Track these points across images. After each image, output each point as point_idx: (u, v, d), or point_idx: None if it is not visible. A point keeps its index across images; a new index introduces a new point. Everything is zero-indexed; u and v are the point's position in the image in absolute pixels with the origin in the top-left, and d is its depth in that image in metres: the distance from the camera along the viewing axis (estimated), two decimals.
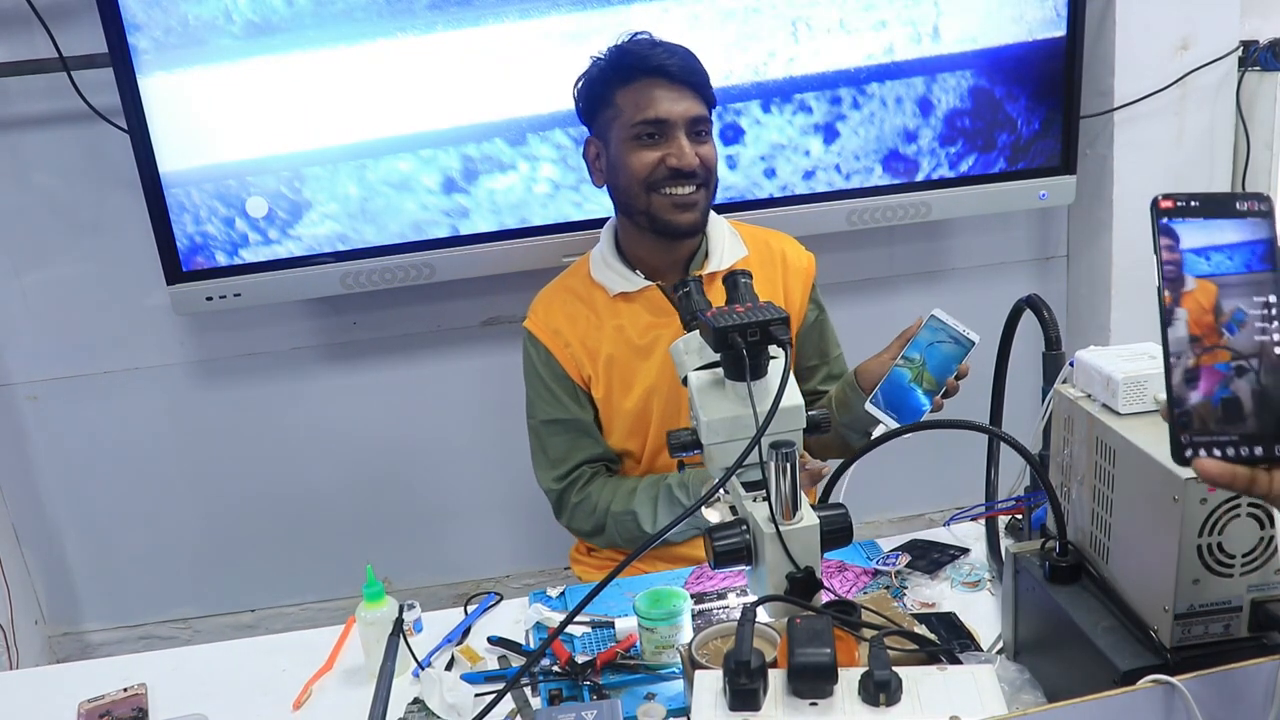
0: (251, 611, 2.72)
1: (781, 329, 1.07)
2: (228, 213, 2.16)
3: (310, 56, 2.08)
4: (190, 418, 2.53)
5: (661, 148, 1.59)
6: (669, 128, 1.58)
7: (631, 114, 1.59)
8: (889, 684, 0.91)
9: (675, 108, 1.58)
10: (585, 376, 1.69)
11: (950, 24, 2.24)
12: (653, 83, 1.58)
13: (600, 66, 1.63)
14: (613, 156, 1.64)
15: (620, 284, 1.66)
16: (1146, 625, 0.98)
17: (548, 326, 1.69)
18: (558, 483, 1.69)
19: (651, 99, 1.58)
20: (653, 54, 1.59)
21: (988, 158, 2.36)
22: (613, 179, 1.66)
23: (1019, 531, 1.45)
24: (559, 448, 1.70)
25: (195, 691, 1.37)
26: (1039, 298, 1.35)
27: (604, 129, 1.64)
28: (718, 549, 1.08)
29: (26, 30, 2.15)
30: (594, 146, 1.68)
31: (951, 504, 2.60)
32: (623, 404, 1.68)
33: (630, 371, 1.67)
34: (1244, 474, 0.73)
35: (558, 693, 1.26)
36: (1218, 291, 0.74)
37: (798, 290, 1.75)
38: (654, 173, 1.59)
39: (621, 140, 1.61)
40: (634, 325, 1.66)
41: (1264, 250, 0.74)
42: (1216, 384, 0.73)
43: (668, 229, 1.61)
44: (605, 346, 1.67)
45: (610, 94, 1.61)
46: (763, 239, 1.76)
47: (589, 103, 1.66)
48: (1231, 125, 2.43)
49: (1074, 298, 2.70)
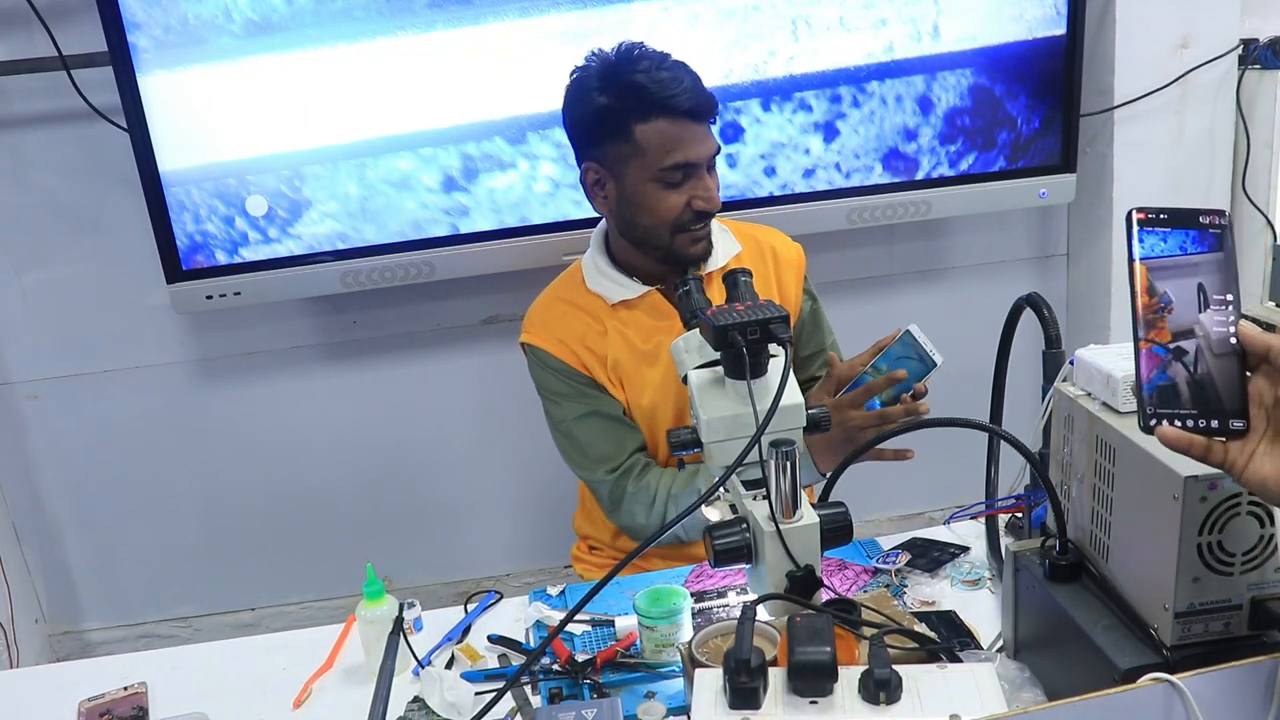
0: (251, 610, 2.72)
1: (781, 327, 1.07)
2: (228, 211, 2.16)
3: (310, 55, 2.08)
4: (190, 416, 2.53)
5: (686, 190, 1.54)
6: (695, 169, 1.54)
7: (658, 157, 1.52)
8: (889, 682, 0.91)
9: (702, 149, 1.54)
10: (594, 373, 1.66)
11: (950, 22, 2.24)
12: (677, 124, 1.51)
13: (610, 93, 1.52)
14: (629, 192, 1.56)
15: (619, 292, 1.64)
16: (1146, 624, 0.98)
17: (551, 336, 1.65)
18: (611, 474, 1.62)
19: (679, 142, 1.51)
20: (672, 90, 1.49)
21: (988, 156, 2.36)
22: (626, 213, 1.58)
23: (1019, 530, 1.45)
24: (602, 442, 1.64)
25: (195, 690, 1.37)
26: (1039, 296, 1.35)
27: (615, 162, 1.56)
28: (717, 547, 1.08)
29: (26, 29, 2.15)
30: (595, 173, 1.60)
31: (951, 502, 2.60)
32: (632, 409, 1.67)
33: (637, 377, 1.65)
34: (1200, 442, 0.81)
35: (558, 691, 1.26)
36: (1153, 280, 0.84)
37: (791, 283, 1.74)
38: (681, 215, 1.55)
39: (643, 180, 1.54)
40: (637, 331, 1.65)
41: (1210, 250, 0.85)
42: (1156, 367, 0.82)
43: (684, 259, 1.59)
44: (611, 352, 1.64)
45: (627, 128, 1.52)
46: (751, 235, 1.74)
47: (595, 129, 1.56)
48: (1231, 124, 2.43)
49: (1074, 296, 2.70)
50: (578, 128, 1.61)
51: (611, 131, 1.54)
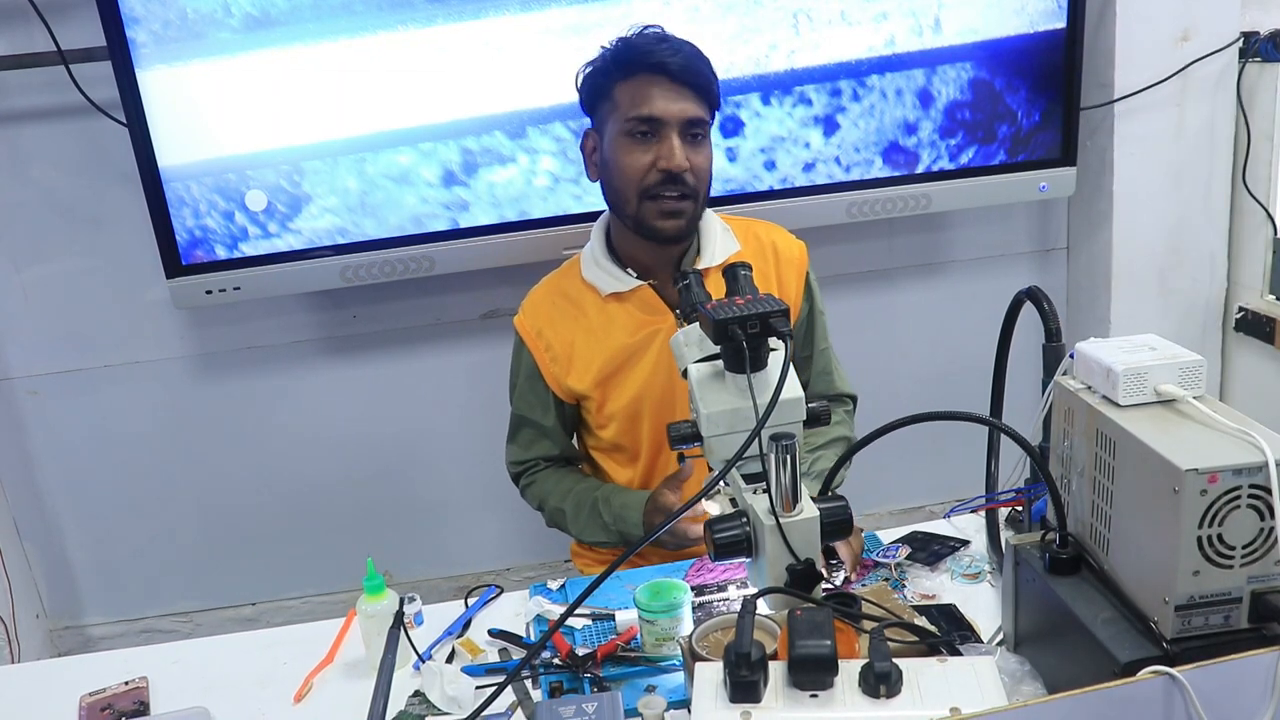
0: (252, 605, 2.72)
1: (781, 321, 1.07)
2: (227, 206, 2.15)
3: (309, 50, 2.08)
4: (190, 411, 2.53)
5: (653, 149, 1.55)
6: (662, 127, 1.55)
7: (628, 109, 1.56)
8: (889, 675, 0.91)
9: (671, 107, 1.55)
10: (560, 380, 1.70)
11: (951, 16, 2.24)
12: (651, 79, 1.55)
13: (604, 58, 1.60)
14: (606, 151, 1.61)
15: (612, 284, 1.65)
16: (1147, 616, 0.98)
17: (532, 327, 1.71)
18: (516, 466, 1.82)
19: (648, 95, 1.55)
20: (656, 49, 1.55)
21: (988, 150, 2.35)
22: (605, 174, 1.63)
23: (1019, 523, 1.45)
24: (522, 440, 1.79)
25: (196, 684, 1.38)
26: (1039, 290, 1.35)
27: (601, 122, 1.62)
28: (718, 541, 1.08)
29: (25, 24, 2.15)
30: (591, 139, 1.66)
31: (952, 496, 2.61)
32: (616, 402, 1.68)
33: (623, 370, 1.67)
34: None
35: (558, 685, 1.26)
36: None
37: (792, 281, 1.74)
38: (646, 177, 1.56)
39: (615, 135, 1.58)
40: (627, 324, 1.66)
41: None
42: None
43: (652, 234, 1.60)
44: (595, 348, 1.67)
45: (610, 86, 1.58)
46: (753, 231, 1.74)
47: (590, 94, 1.63)
48: (1232, 117, 2.43)
49: (1074, 290, 2.70)
50: (581, 98, 1.67)
51: (601, 93, 1.61)
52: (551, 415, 1.75)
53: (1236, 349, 2.57)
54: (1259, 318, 2.45)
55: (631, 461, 1.74)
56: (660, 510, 1.55)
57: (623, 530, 1.64)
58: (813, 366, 1.80)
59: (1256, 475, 0.92)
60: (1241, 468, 0.91)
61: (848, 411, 1.83)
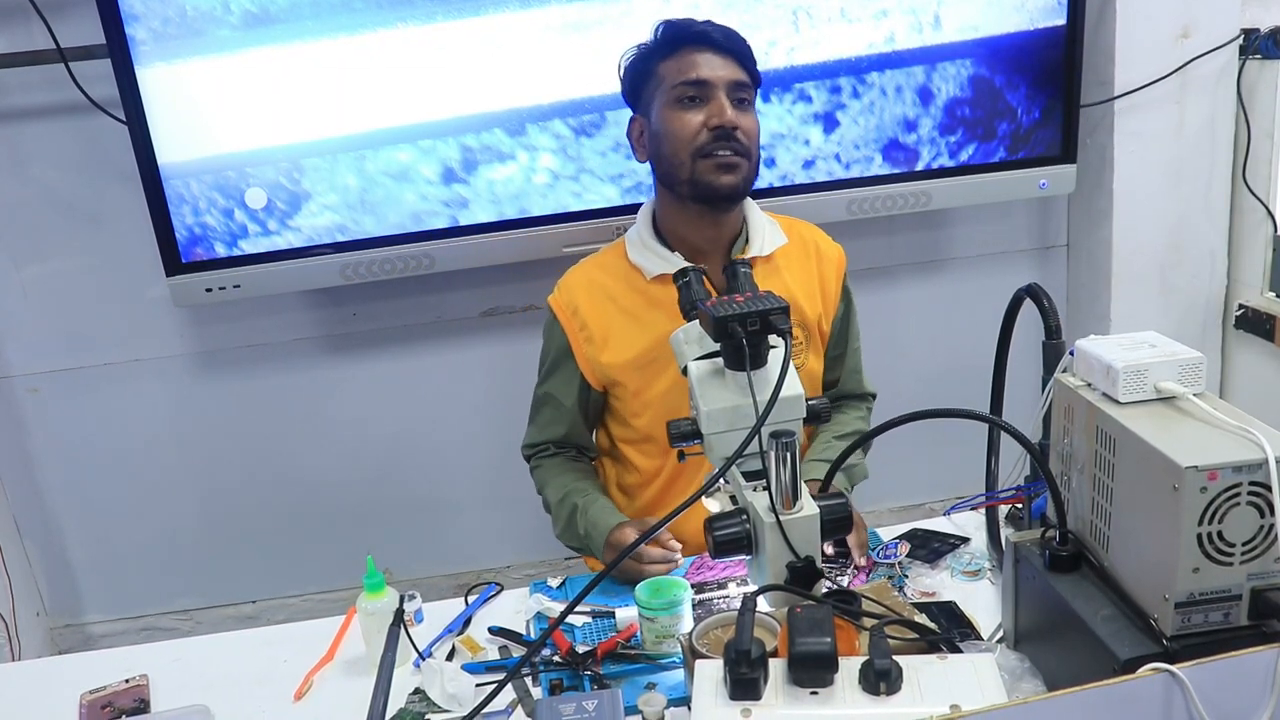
0: (252, 603, 2.73)
1: (781, 318, 1.07)
2: (227, 204, 2.15)
3: (309, 47, 2.08)
4: (190, 409, 2.53)
5: (703, 110, 1.56)
6: (710, 89, 1.56)
7: (674, 78, 1.57)
8: (889, 673, 0.91)
9: (718, 71, 1.56)
10: (594, 359, 1.67)
11: (951, 13, 2.24)
12: (696, 49, 1.57)
13: (644, 45, 1.63)
14: (655, 126, 1.61)
15: (660, 265, 1.63)
16: (1146, 614, 0.98)
17: (568, 304, 1.69)
18: (528, 449, 1.82)
19: (694, 62, 1.56)
20: (697, 24, 1.60)
21: (988, 147, 2.35)
22: (656, 149, 1.62)
23: (1019, 521, 1.46)
24: (541, 421, 1.78)
25: (197, 682, 1.38)
26: (1039, 287, 1.35)
27: (647, 103, 1.62)
28: (718, 538, 1.08)
29: (24, 21, 2.14)
30: (638, 124, 1.66)
31: (952, 493, 2.61)
32: (654, 389, 1.66)
33: (665, 357, 1.63)
34: None
35: (559, 682, 1.26)
36: None
37: (833, 281, 1.74)
38: (698, 137, 1.56)
39: (663, 107, 1.58)
40: (672, 310, 1.64)
41: None
42: None
43: (709, 191, 1.57)
44: (636, 331, 1.64)
45: (652, 66, 1.60)
46: (796, 230, 1.74)
47: (633, 79, 1.65)
48: (1232, 114, 2.43)
49: (1074, 287, 2.70)
50: (624, 87, 1.68)
51: (644, 75, 1.63)
52: (573, 396, 1.72)
53: (1236, 346, 2.57)
54: (1259, 315, 2.45)
55: (663, 453, 1.72)
56: (614, 547, 1.54)
57: (590, 546, 1.64)
58: (845, 364, 1.81)
59: (1256, 472, 0.92)
60: (1241, 465, 0.91)
61: (869, 408, 1.86)
